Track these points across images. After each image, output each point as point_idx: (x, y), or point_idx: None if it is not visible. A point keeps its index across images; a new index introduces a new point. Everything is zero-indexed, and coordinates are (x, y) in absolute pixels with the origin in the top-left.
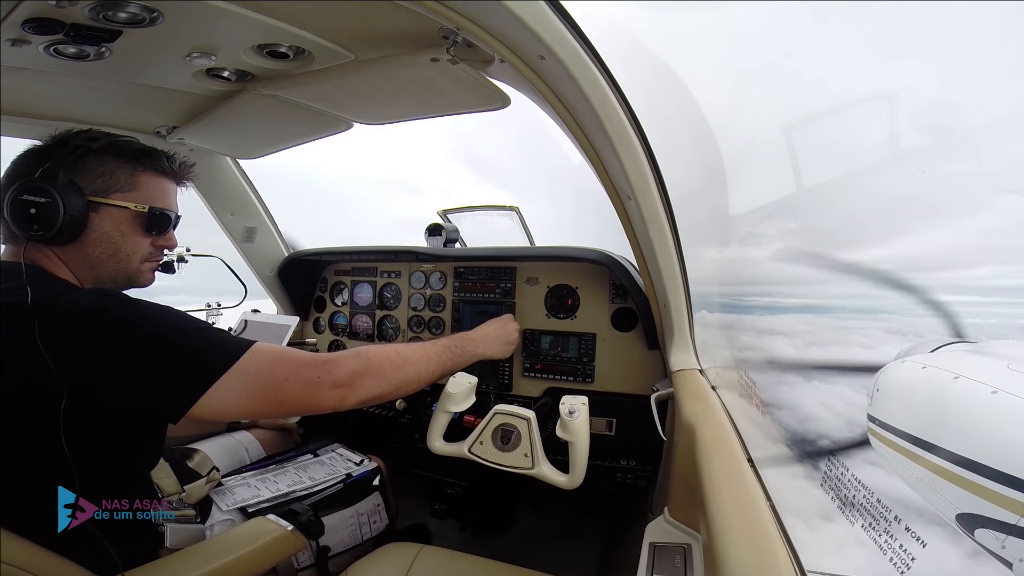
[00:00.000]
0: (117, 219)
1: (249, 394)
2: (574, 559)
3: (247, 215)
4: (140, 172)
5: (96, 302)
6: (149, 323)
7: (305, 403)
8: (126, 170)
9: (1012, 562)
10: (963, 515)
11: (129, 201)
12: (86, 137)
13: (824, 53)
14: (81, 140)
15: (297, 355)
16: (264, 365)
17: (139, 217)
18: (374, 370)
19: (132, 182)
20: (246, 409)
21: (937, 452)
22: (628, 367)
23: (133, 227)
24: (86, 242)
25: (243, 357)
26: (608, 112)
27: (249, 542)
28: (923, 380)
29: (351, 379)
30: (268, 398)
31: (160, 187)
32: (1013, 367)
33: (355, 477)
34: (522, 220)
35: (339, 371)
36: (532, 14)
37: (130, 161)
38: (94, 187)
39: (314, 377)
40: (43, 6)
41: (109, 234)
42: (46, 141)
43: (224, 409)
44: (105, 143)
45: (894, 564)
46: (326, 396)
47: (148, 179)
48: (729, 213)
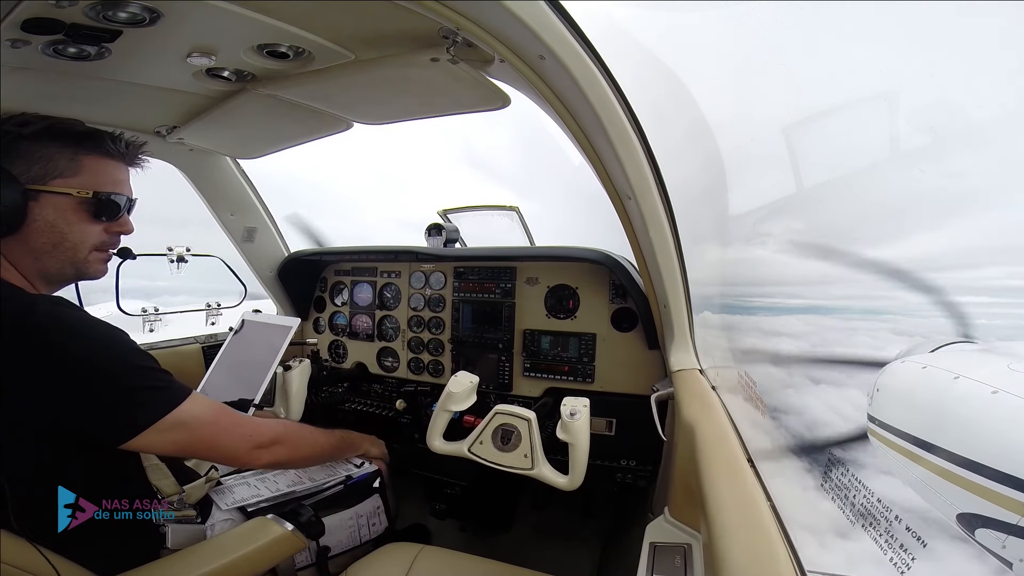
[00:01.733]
0: (60, 207)
1: (186, 438)
2: (574, 559)
3: (247, 215)
4: (82, 156)
5: (49, 320)
6: (107, 354)
7: (230, 456)
8: (66, 154)
9: (1012, 562)
10: (964, 515)
11: (72, 187)
12: (17, 123)
13: (824, 53)
14: (11, 126)
15: (234, 413)
16: (207, 415)
17: (84, 203)
18: (291, 441)
19: (74, 167)
20: (179, 448)
21: (937, 452)
22: (628, 367)
23: (79, 214)
24: (28, 233)
25: (184, 404)
26: (608, 112)
27: (249, 542)
28: (923, 380)
29: (270, 443)
30: (202, 444)
31: (106, 170)
32: (1013, 367)
33: (356, 479)
34: (522, 220)
35: (263, 433)
36: (532, 14)
37: (70, 144)
38: (30, 174)
39: (246, 435)
40: (43, 6)
41: (52, 223)
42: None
43: (158, 446)
44: (39, 127)
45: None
46: (249, 453)
47: (92, 162)
48: (730, 213)
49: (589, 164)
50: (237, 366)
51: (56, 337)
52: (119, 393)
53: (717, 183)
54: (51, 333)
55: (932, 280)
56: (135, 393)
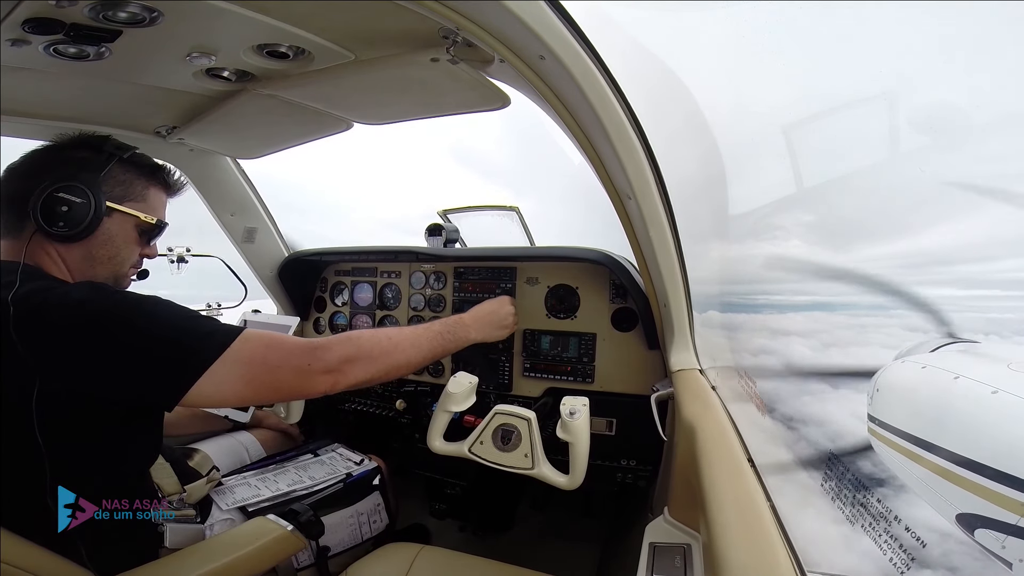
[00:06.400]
0: (124, 225)
1: (244, 380)
2: (574, 559)
3: (247, 215)
4: (151, 186)
5: (87, 295)
6: (140, 313)
7: (298, 389)
8: (141, 182)
9: (1012, 562)
10: (963, 515)
11: (140, 211)
12: (115, 145)
13: (824, 52)
14: (112, 148)
15: (288, 341)
16: (257, 352)
17: (141, 226)
18: (364, 355)
19: (144, 194)
20: (240, 395)
21: (937, 452)
22: (628, 367)
23: (134, 235)
24: (91, 242)
25: (234, 344)
26: (608, 112)
27: (249, 542)
28: (923, 380)
29: (341, 364)
30: (262, 384)
31: (162, 201)
32: (1013, 367)
33: (355, 477)
34: (522, 220)
35: (330, 356)
36: (532, 14)
37: (145, 174)
38: (113, 193)
39: (305, 363)
40: (43, 6)
41: (114, 238)
42: (72, 143)
43: (220, 396)
44: (130, 154)
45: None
46: (317, 381)
47: (156, 193)
48: (731, 211)
49: (589, 164)
50: None
51: (126, 312)
52: (170, 350)
53: (717, 179)
54: (118, 310)
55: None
56: (196, 339)
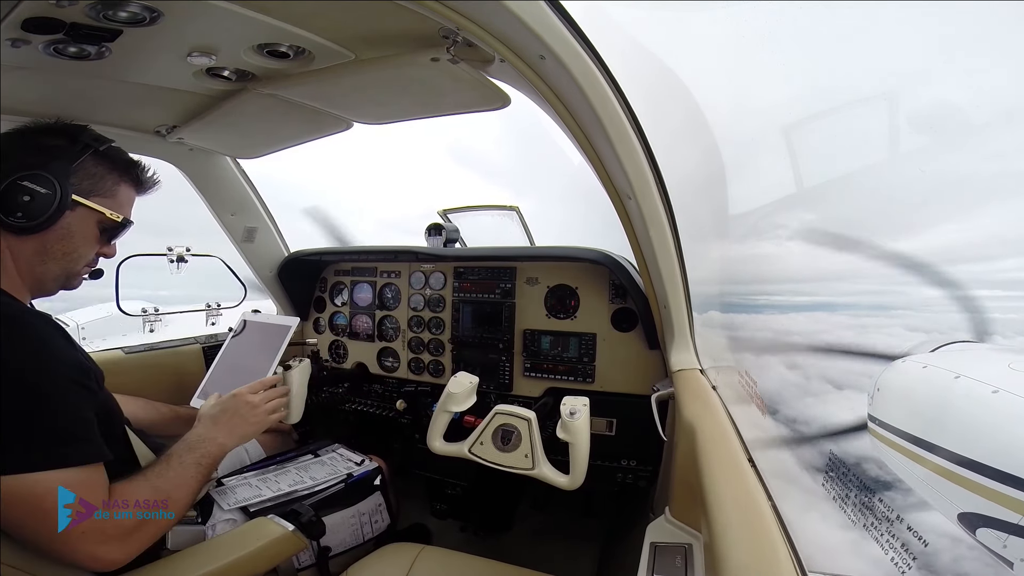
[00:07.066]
0: (87, 221)
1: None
2: (574, 559)
3: (247, 215)
4: (123, 182)
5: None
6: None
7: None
8: (113, 177)
9: (1013, 562)
10: (965, 514)
11: (106, 207)
12: (92, 136)
13: (825, 51)
14: (89, 139)
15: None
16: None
17: (104, 223)
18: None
19: (114, 189)
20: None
21: (938, 452)
22: (628, 367)
23: (95, 232)
24: (47, 235)
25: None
26: (608, 112)
27: (250, 543)
28: (924, 380)
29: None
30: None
31: (130, 199)
32: (1014, 367)
33: (356, 477)
34: (522, 220)
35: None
36: (532, 14)
37: (118, 169)
38: (81, 186)
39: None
40: (43, 6)
41: (73, 233)
42: (46, 129)
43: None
44: (107, 147)
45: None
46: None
47: (126, 190)
48: (731, 211)
49: (589, 164)
50: (237, 366)
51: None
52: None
53: (717, 178)
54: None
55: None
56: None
